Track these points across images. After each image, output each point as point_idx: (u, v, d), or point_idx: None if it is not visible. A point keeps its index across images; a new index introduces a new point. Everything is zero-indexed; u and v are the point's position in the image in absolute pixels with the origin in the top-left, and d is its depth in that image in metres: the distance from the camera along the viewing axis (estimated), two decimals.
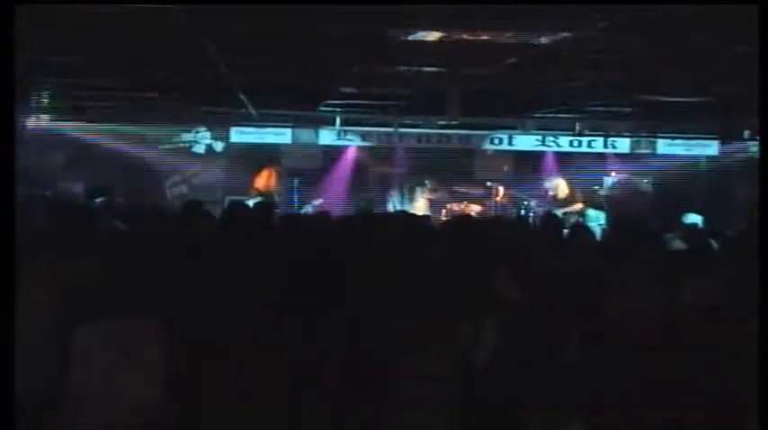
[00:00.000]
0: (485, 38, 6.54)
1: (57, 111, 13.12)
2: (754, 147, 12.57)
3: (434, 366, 3.72)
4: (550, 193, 12.76)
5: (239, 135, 13.48)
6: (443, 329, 3.80)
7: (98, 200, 9.65)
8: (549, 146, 13.62)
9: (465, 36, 6.46)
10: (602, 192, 13.56)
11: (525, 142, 13.57)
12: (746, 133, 13.00)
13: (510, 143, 13.54)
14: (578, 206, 12.41)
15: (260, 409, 3.39)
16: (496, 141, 13.52)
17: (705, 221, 9.53)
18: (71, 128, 13.33)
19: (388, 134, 13.38)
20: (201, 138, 14.04)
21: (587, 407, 3.77)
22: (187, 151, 14.06)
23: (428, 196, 13.18)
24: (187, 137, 13.99)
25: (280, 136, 13.43)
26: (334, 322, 3.60)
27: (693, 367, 3.35)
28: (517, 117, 13.16)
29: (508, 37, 6.48)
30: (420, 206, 12.79)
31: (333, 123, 13.29)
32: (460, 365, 3.78)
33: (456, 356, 3.79)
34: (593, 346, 3.90)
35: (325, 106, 12.38)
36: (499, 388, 3.80)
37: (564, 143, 13.56)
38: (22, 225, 3.97)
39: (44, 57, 7.90)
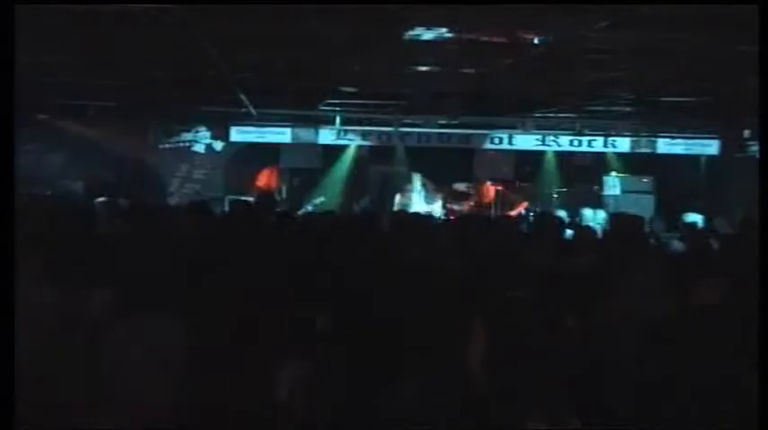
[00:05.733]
0: (485, 38, 6.55)
1: (57, 112, 13.12)
2: (754, 146, 12.58)
3: (434, 366, 3.72)
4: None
5: (239, 134, 13.50)
6: (442, 329, 3.80)
7: (99, 199, 9.65)
8: (549, 145, 13.65)
9: (465, 36, 6.46)
10: (601, 192, 13.54)
11: (525, 142, 13.58)
12: (746, 133, 12.99)
13: (510, 143, 13.56)
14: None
15: (270, 406, 3.39)
16: (496, 141, 13.54)
17: (705, 221, 9.53)
18: (71, 128, 13.34)
19: (388, 134, 13.39)
20: (201, 138, 14.05)
21: (586, 407, 3.78)
22: (187, 150, 14.07)
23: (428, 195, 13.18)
24: (187, 136, 14.00)
25: (279, 135, 13.45)
26: (334, 320, 3.61)
27: (691, 367, 3.35)
28: (517, 117, 13.16)
29: (508, 37, 6.48)
30: (421, 205, 12.79)
31: (333, 123, 13.30)
32: (459, 364, 3.79)
33: (454, 355, 3.79)
34: (590, 346, 3.90)
35: (325, 106, 12.37)
36: (497, 387, 3.80)
37: (564, 143, 13.58)
38: (23, 225, 3.97)
39: (44, 57, 7.90)
